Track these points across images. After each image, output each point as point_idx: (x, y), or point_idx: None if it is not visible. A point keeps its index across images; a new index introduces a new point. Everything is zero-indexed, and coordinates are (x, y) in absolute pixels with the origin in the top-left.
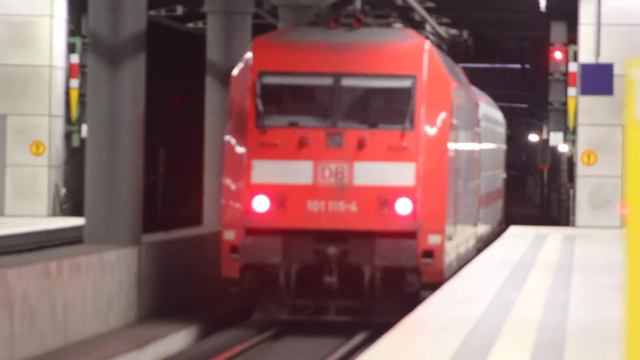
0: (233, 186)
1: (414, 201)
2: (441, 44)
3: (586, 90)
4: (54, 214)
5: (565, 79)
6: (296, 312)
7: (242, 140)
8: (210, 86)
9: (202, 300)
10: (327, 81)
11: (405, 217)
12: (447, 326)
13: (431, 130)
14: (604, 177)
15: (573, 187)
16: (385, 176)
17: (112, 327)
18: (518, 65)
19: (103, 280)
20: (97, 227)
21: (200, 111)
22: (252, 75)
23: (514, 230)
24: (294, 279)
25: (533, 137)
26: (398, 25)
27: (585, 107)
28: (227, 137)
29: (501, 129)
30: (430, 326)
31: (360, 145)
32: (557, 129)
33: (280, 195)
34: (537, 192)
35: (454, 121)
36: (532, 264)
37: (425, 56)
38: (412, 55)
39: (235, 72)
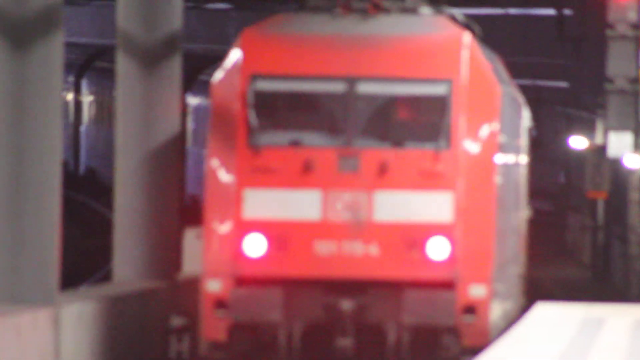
0: (219, 223)
1: (452, 242)
2: None
3: None
4: None
5: (638, 36)
6: None
7: (230, 163)
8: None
9: None
10: (339, 87)
11: (440, 263)
12: None
13: (473, 150)
14: None
15: None
16: (415, 210)
17: None
18: (551, 11)
19: None
20: None
21: None
22: (242, 80)
23: (542, 310)
24: (297, 342)
25: (578, 142)
26: (426, 10)
27: None
28: (211, 160)
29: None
30: None
31: (382, 169)
32: (621, 127)
33: (279, 234)
34: (585, 241)
35: (502, 137)
36: None
37: (465, 53)
38: (447, 52)
39: (218, 75)
